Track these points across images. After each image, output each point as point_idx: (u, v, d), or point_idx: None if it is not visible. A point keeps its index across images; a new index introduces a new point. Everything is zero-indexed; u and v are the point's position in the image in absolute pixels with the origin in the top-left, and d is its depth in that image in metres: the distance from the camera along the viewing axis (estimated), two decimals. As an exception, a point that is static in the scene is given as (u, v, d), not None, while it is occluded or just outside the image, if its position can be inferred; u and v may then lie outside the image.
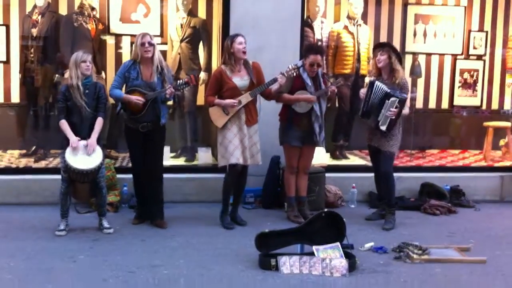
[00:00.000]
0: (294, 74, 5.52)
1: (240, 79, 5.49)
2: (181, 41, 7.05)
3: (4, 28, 7.10)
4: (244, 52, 5.45)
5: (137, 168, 5.56)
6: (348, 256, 4.54)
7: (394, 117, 5.42)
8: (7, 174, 6.42)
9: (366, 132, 5.84)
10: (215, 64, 6.99)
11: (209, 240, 5.16)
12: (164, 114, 5.43)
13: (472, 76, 8.11)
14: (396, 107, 5.39)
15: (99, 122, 5.23)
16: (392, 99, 5.41)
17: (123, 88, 5.46)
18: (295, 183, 5.92)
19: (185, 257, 4.69)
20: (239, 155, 5.46)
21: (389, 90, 5.45)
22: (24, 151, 7.19)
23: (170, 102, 6.37)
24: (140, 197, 5.66)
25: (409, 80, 7.86)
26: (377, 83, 5.52)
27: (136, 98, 5.23)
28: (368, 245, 5.02)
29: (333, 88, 5.70)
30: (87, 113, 5.14)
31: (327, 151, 7.17)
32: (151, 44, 5.30)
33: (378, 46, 5.76)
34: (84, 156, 5.08)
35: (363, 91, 5.71)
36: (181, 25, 7.10)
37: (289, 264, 4.44)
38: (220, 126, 5.52)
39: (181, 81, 5.42)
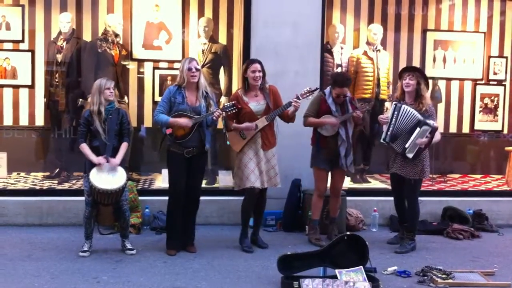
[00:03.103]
0: (310, 96, 5.55)
1: (256, 104, 5.53)
2: (202, 66, 7.14)
3: (29, 53, 7.27)
4: (256, 80, 5.46)
5: (178, 193, 5.31)
6: (372, 279, 4.50)
7: (423, 146, 5.37)
8: (31, 195, 6.49)
9: (387, 161, 5.80)
10: (235, 89, 7.06)
11: (231, 263, 5.16)
12: (208, 139, 5.38)
13: (492, 101, 8.11)
14: (427, 137, 5.31)
15: (124, 146, 5.29)
16: (425, 127, 5.30)
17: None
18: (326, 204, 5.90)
19: (207, 279, 4.69)
20: (254, 179, 5.46)
21: (422, 118, 5.34)
22: (47, 173, 7.29)
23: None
24: (173, 226, 5.40)
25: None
26: (405, 106, 5.43)
27: (184, 121, 5.17)
28: (391, 269, 4.98)
29: (357, 113, 5.66)
30: (107, 138, 5.20)
31: (347, 175, 7.16)
32: (197, 69, 5.27)
33: (408, 70, 5.68)
34: (108, 176, 5.13)
35: (382, 117, 5.66)
36: (203, 51, 7.22)
37: (312, 286, 4.40)
38: (237, 150, 5.55)
39: (228, 103, 5.33)
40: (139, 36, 7.32)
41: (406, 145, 5.41)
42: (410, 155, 5.41)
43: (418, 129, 5.34)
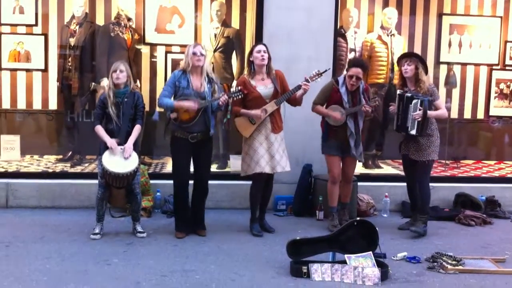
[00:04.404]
0: (318, 79, 5.50)
1: (264, 88, 5.49)
2: (215, 50, 7.14)
3: (42, 37, 7.28)
4: (262, 60, 5.41)
5: (182, 179, 5.39)
6: (381, 265, 4.49)
7: (420, 119, 5.40)
8: (44, 178, 6.57)
9: (400, 142, 5.80)
10: (248, 73, 7.03)
11: (240, 246, 5.18)
12: (213, 124, 5.38)
13: (508, 87, 7.99)
14: (419, 109, 5.39)
15: (137, 128, 5.31)
16: (414, 101, 5.45)
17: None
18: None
19: (217, 263, 4.72)
20: (264, 164, 5.45)
21: (410, 95, 5.50)
22: (60, 156, 7.34)
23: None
24: (180, 210, 5.47)
25: (443, 91, 7.83)
26: (407, 94, 5.54)
27: (189, 104, 5.18)
28: (401, 255, 4.97)
29: (366, 108, 5.61)
30: (121, 122, 5.22)
31: (359, 160, 7.13)
32: (202, 54, 5.27)
33: (405, 56, 5.73)
34: (121, 160, 5.17)
35: (392, 108, 5.74)
36: (215, 35, 7.19)
37: (320, 271, 4.42)
38: (247, 136, 5.52)
39: (235, 88, 5.35)
40: (152, 20, 7.29)
41: (407, 124, 5.54)
42: (414, 132, 5.50)
43: (410, 105, 5.49)
